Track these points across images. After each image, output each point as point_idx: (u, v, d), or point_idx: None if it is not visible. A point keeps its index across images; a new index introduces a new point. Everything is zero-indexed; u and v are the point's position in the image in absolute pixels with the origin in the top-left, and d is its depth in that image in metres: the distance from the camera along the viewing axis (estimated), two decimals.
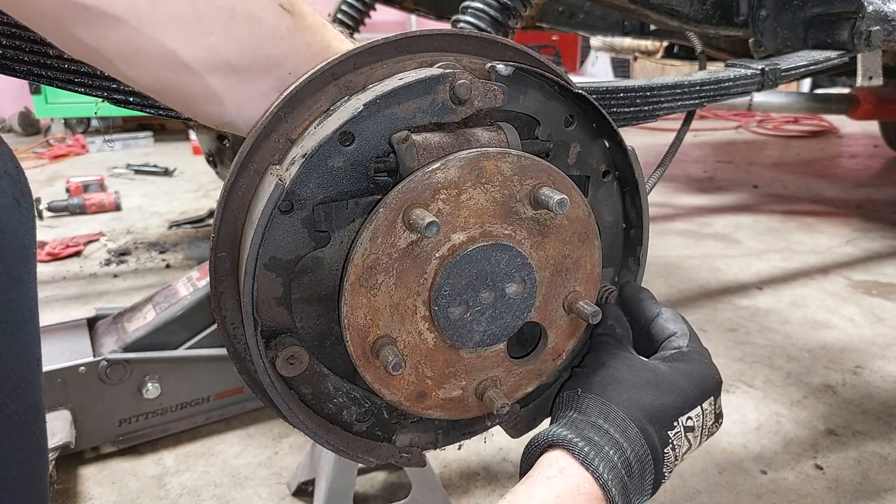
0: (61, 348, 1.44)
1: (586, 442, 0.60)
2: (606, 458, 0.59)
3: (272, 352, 0.59)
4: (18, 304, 0.58)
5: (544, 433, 0.63)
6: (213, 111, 0.59)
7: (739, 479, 1.40)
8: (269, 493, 1.36)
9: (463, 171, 0.57)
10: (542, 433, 0.63)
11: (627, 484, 0.59)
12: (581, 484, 0.57)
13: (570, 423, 0.62)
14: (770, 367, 1.85)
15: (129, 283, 2.45)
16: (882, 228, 3.10)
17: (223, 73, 0.56)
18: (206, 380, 1.52)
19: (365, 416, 0.67)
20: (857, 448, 1.50)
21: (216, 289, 0.60)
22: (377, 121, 0.57)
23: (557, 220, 0.63)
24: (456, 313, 0.60)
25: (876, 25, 1.27)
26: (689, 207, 3.50)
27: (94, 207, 3.31)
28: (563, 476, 0.58)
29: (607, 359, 0.68)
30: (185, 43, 0.53)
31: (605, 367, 0.67)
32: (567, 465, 0.59)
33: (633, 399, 0.63)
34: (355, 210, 0.58)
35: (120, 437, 1.46)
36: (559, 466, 0.59)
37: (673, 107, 1.03)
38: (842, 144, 5.30)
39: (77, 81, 0.69)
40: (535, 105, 0.65)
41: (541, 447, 0.62)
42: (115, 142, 5.04)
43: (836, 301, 2.29)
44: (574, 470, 0.58)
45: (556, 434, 0.61)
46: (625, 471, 0.59)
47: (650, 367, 0.67)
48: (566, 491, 0.57)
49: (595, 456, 0.59)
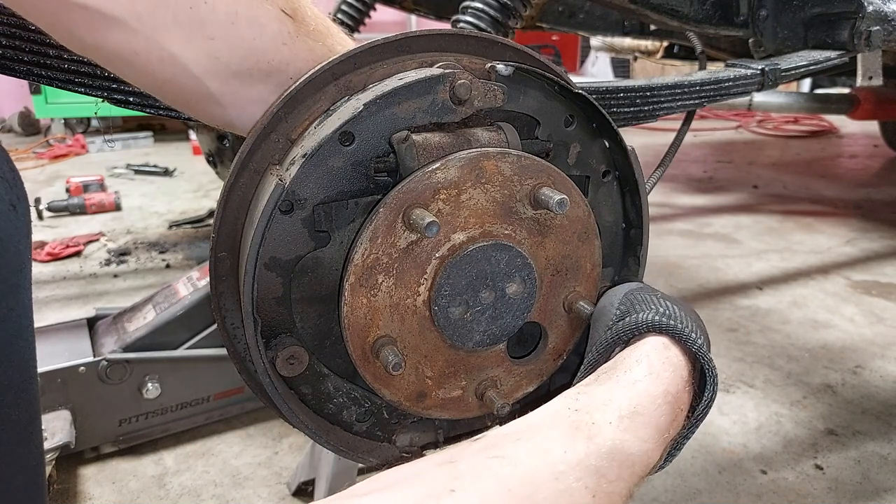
0: (61, 348, 1.44)
1: (693, 333, 0.57)
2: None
3: (272, 352, 0.59)
4: (17, 312, 0.58)
5: (641, 319, 0.58)
6: (213, 112, 0.59)
7: (739, 478, 1.40)
8: (269, 493, 1.36)
9: (463, 171, 0.57)
10: (635, 318, 0.59)
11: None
12: (668, 391, 0.54)
13: (664, 314, 0.58)
14: (770, 367, 1.85)
15: (129, 283, 2.45)
16: (882, 228, 3.10)
17: (223, 77, 0.56)
18: (206, 380, 1.52)
19: (365, 416, 0.67)
20: (857, 448, 1.50)
21: (216, 289, 0.60)
22: (377, 121, 0.57)
23: (557, 220, 0.64)
24: (456, 313, 0.60)
25: (876, 25, 1.27)
26: (689, 207, 3.50)
27: (94, 207, 3.31)
28: (648, 381, 0.54)
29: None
30: (185, 47, 0.53)
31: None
32: (659, 365, 0.55)
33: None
34: (355, 210, 0.58)
35: (120, 437, 1.46)
36: (648, 367, 0.55)
37: (673, 107, 1.03)
38: (842, 144, 5.29)
39: (77, 81, 0.69)
40: (536, 105, 0.65)
41: (638, 329, 0.58)
42: (115, 142, 5.04)
43: (836, 301, 2.29)
44: (666, 372, 0.55)
45: (659, 321, 0.57)
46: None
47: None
48: (649, 398, 0.53)
49: (703, 346, 0.56)
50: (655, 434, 0.52)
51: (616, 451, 0.49)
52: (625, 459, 0.49)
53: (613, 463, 0.48)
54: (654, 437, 0.52)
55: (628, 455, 0.49)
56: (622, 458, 0.49)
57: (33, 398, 0.62)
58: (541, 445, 0.48)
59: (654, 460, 0.52)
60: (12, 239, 0.57)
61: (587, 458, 0.48)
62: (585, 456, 0.48)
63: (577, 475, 0.46)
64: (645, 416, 0.52)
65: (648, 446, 0.51)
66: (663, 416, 0.53)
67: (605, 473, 0.47)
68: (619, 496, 0.48)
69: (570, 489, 0.45)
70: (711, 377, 0.57)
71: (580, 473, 0.47)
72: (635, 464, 0.50)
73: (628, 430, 0.50)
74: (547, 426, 0.50)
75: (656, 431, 0.52)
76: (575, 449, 0.48)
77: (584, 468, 0.47)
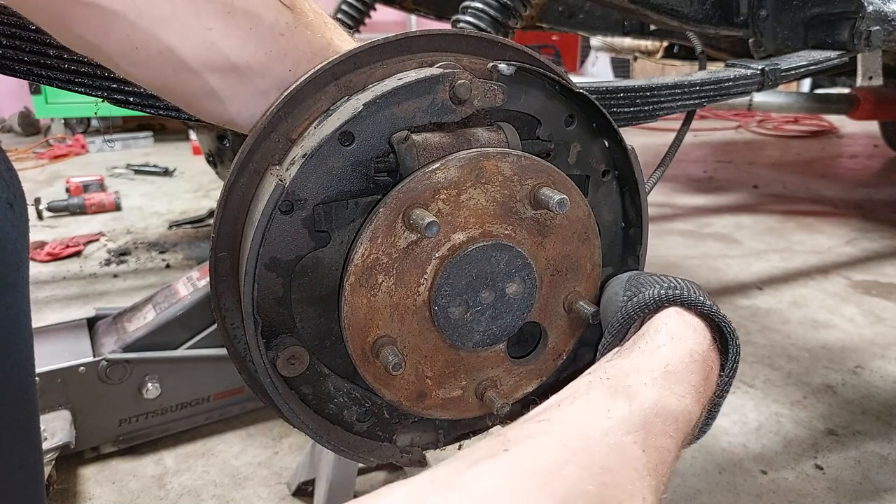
0: (61, 348, 1.44)
1: (704, 298, 0.57)
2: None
3: (273, 352, 0.59)
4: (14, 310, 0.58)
5: (649, 295, 0.59)
6: (213, 109, 0.59)
7: (739, 478, 1.40)
8: (269, 493, 1.36)
9: (463, 171, 0.57)
10: (643, 296, 0.59)
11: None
12: (693, 350, 0.55)
13: (671, 287, 0.59)
14: (770, 367, 1.85)
15: (129, 283, 2.45)
16: (882, 228, 3.10)
17: (222, 71, 0.56)
18: (206, 380, 1.52)
19: (365, 416, 0.67)
20: (857, 448, 1.50)
21: (216, 289, 0.60)
22: (377, 121, 0.57)
23: (557, 220, 0.64)
24: (456, 313, 0.60)
25: (876, 25, 1.27)
26: (689, 207, 3.50)
27: (94, 207, 3.31)
28: (672, 343, 0.55)
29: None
30: (183, 40, 0.53)
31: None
32: (679, 329, 0.56)
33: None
34: (355, 210, 0.58)
35: (120, 437, 1.46)
36: (669, 333, 0.55)
37: (673, 107, 1.03)
38: (842, 144, 5.29)
39: (77, 81, 0.69)
40: (537, 105, 0.65)
41: (647, 307, 0.59)
42: (115, 142, 5.04)
43: (836, 301, 2.29)
44: (688, 334, 0.56)
45: (669, 294, 0.57)
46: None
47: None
48: (677, 359, 0.54)
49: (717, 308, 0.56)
50: (691, 390, 0.52)
51: (657, 407, 0.49)
52: (667, 415, 0.49)
53: (657, 419, 0.49)
54: (691, 393, 0.52)
55: (670, 411, 0.50)
56: (664, 413, 0.49)
57: (31, 397, 0.62)
58: (584, 408, 0.49)
59: (695, 417, 0.52)
60: (9, 237, 0.57)
61: (631, 416, 0.48)
62: (629, 413, 0.48)
63: (625, 430, 0.47)
64: (677, 374, 0.52)
65: (687, 401, 0.51)
66: (695, 374, 0.53)
67: (650, 429, 0.48)
68: (667, 451, 0.48)
69: (620, 444, 0.45)
70: (731, 334, 0.58)
71: (628, 428, 0.47)
72: (678, 419, 0.50)
73: (664, 388, 0.51)
74: (583, 394, 0.51)
75: (692, 388, 0.52)
76: (618, 408, 0.48)
77: (630, 424, 0.47)
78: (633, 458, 0.45)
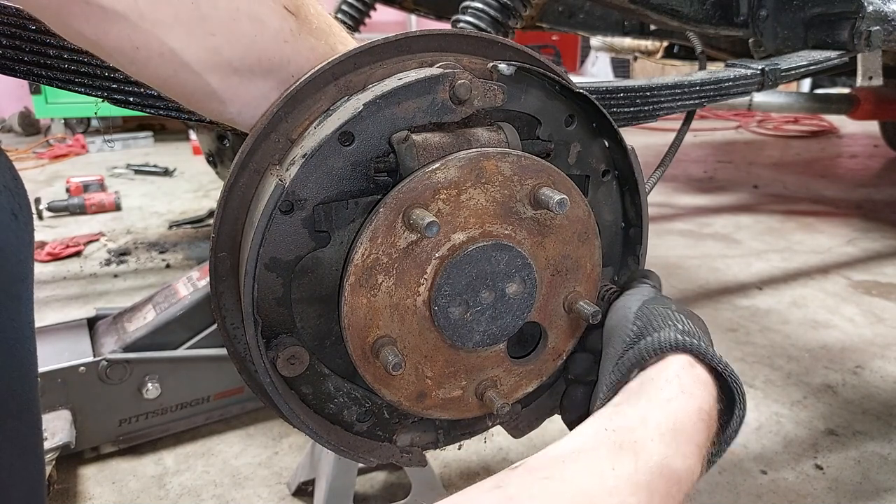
0: (61, 348, 1.44)
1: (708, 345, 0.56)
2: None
3: (273, 352, 0.59)
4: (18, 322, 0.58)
5: (666, 337, 0.57)
6: (214, 109, 0.59)
7: (739, 478, 1.40)
8: (269, 493, 1.36)
9: (463, 171, 0.57)
10: (659, 337, 0.57)
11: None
12: (702, 408, 0.53)
13: (685, 333, 0.57)
14: (770, 367, 1.85)
15: (129, 283, 2.45)
16: (882, 228, 3.10)
17: (224, 74, 0.56)
18: (206, 380, 1.52)
19: (365, 416, 0.67)
20: (857, 448, 1.50)
21: (216, 289, 0.60)
22: (377, 121, 0.57)
23: (557, 220, 0.63)
24: (456, 313, 0.60)
25: (876, 25, 1.27)
26: (689, 207, 3.50)
27: (94, 207, 3.31)
28: (682, 399, 0.53)
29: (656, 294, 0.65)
30: (186, 43, 0.53)
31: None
32: (690, 383, 0.54)
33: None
34: (355, 210, 0.58)
35: (120, 437, 1.46)
36: (680, 386, 0.54)
37: (673, 107, 1.03)
38: (842, 144, 5.29)
39: (77, 81, 0.69)
40: (537, 104, 0.65)
41: (663, 349, 0.57)
42: (115, 142, 5.04)
43: (836, 301, 2.29)
44: (698, 391, 0.54)
45: (686, 342, 0.55)
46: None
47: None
48: (686, 416, 0.52)
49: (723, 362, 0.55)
50: (696, 450, 0.51)
51: (663, 467, 0.48)
52: (671, 475, 0.48)
53: (661, 479, 0.48)
54: (695, 454, 0.51)
55: (674, 471, 0.49)
56: (669, 473, 0.48)
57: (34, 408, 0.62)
58: (587, 465, 0.48)
59: (696, 477, 0.51)
60: (14, 248, 0.56)
61: (636, 475, 0.47)
62: (634, 472, 0.47)
63: (629, 490, 0.46)
64: (685, 433, 0.51)
65: (691, 462, 0.51)
66: (700, 434, 0.52)
67: (655, 489, 0.47)
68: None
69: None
70: (739, 395, 0.56)
71: (632, 489, 0.46)
72: (682, 480, 0.49)
73: (671, 447, 0.50)
74: (589, 447, 0.50)
75: (696, 448, 0.51)
76: (623, 465, 0.47)
77: (635, 484, 0.46)
78: None
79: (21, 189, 0.60)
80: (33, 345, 0.62)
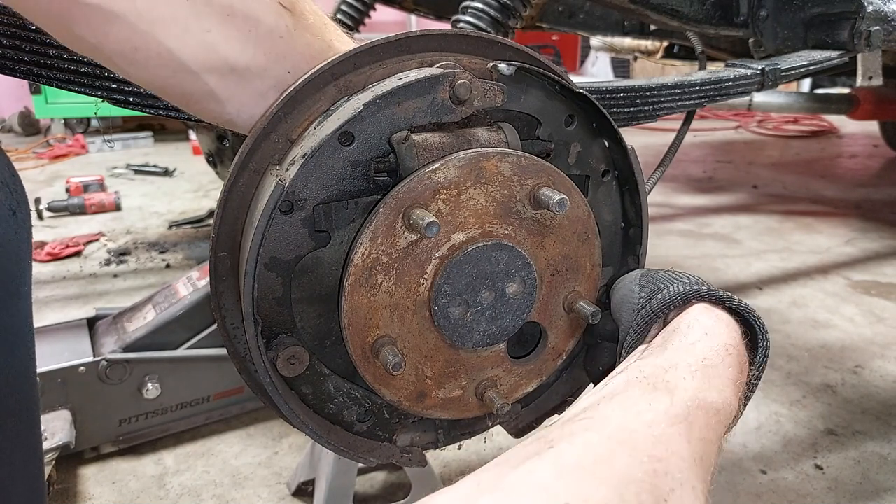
0: (61, 348, 1.44)
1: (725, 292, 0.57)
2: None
3: (273, 352, 0.59)
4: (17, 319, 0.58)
5: (675, 291, 0.58)
6: (212, 109, 0.59)
7: (739, 478, 1.40)
8: (269, 493, 1.36)
9: (463, 171, 0.57)
10: (668, 292, 0.59)
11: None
12: (728, 343, 0.54)
13: (693, 283, 0.58)
14: (770, 367, 1.85)
15: (129, 283, 2.45)
16: (881, 228, 3.10)
17: (221, 73, 0.56)
18: (206, 380, 1.52)
19: (365, 416, 0.67)
20: (856, 448, 1.50)
21: (216, 289, 0.60)
22: (377, 121, 0.57)
23: (557, 220, 0.64)
24: (456, 313, 0.60)
25: (876, 25, 1.27)
26: (689, 207, 3.50)
27: (94, 207, 3.31)
28: (708, 339, 0.54)
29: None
30: (182, 42, 0.53)
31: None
32: (712, 324, 0.55)
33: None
34: (355, 210, 0.58)
35: (120, 437, 1.46)
36: (702, 328, 0.55)
37: (673, 107, 1.03)
38: (842, 144, 5.30)
39: (77, 81, 0.69)
40: (537, 104, 0.65)
41: (673, 303, 0.58)
42: (115, 142, 5.04)
43: (836, 301, 2.29)
44: (721, 329, 0.55)
45: (696, 290, 0.57)
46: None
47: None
48: (713, 353, 0.53)
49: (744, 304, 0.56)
50: (729, 383, 0.52)
51: (698, 399, 0.49)
52: (709, 408, 0.49)
53: (700, 411, 0.48)
54: (729, 387, 0.52)
55: (711, 404, 0.49)
56: (706, 406, 0.49)
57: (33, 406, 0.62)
58: (624, 403, 0.48)
59: (734, 409, 0.52)
60: (12, 245, 0.56)
61: (673, 408, 0.47)
62: (671, 405, 0.48)
63: (668, 422, 0.46)
64: (715, 367, 0.52)
65: (727, 394, 0.51)
66: (731, 367, 0.53)
67: (694, 421, 0.47)
68: (711, 444, 0.48)
69: (665, 435, 0.45)
70: (761, 328, 0.57)
71: (671, 420, 0.46)
72: (720, 411, 0.50)
73: (704, 381, 0.51)
74: (622, 391, 0.50)
75: (729, 381, 0.52)
76: (659, 401, 0.48)
77: (673, 416, 0.47)
78: (679, 448, 0.45)
79: (19, 186, 0.60)
80: (32, 342, 0.62)
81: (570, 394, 0.77)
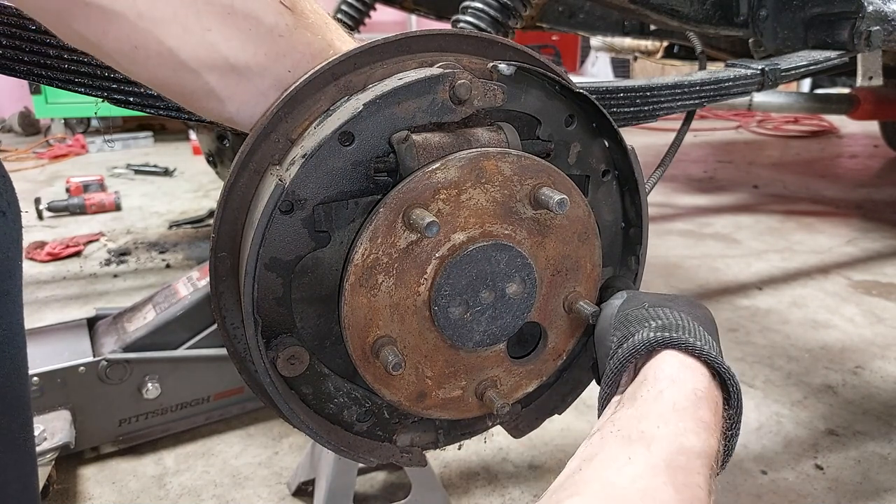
0: (61, 348, 1.44)
1: (696, 338, 0.56)
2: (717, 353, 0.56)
3: (273, 352, 0.59)
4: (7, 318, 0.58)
5: (639, 339, 0.58)
6: (213, 108, 0.59)
7: (740, 479, 1.40)
8: (269, 493, 1.36)
9: (463, 171, 0.57)
10: (633, 341, 0.58)
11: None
12: (696, 388, 0.54)
13: (661, 328, 0.58)
14: (770, 368, 1.85)
15: (129, 283, 2.45)
16: (882, 228, 3.10)
17: (221, 71, 0.56)
18: (206, 380, 1.52)
19: (366, 416, 0.67)
20: (857, 448, 1.50)
21: (216, 289, 0.60)
22: (377, 121, 0.57)
23: (557, 220, 0.63)
24: (456, 313, 0.60)
25: (876, 25, 1.27)
26: (689, 207, 3.50)
27: (94, 207, 3.31)
28: (675, 386, 0.54)
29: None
30: (183, 41, 0.53)
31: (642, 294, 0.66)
32: (676, 371, 0.55)
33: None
34: (355, 210, 0.58)
35: (120, 437, 1.46)
36: (668, 377, 0.55)
37: (673, 107, 1.03)
38: (842, 144, 5.29)
39: (77, 81, 0.69)
40: (537, 104, 0.65)
41: (638, 353, 0.58)
42: (115, 142, 5.04)
43: (836, 301, 2.29)
44: (687, 375, 0.55)
45: (660, 337, 0.57)
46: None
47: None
48: (682, 398, 0.53)
49: (711, 350, 0.56)
50: (703, 426, 0.52)
51: (676, 445, 0.49)
52: (689, 452, 0.49)
53: (680, 457, 0.48)
54: (705, 429, 0.52)
55: (689, 448, 0.49)
56: (685, 451, 0.49)
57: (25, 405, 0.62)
58: (605, 462, 0.48)
59: (714, 449, 0.52)
60: (2, 245, 0.56)
61: (652, 458, 0.48)
62: (650, 455, 0.48)
63: (651, 473, 0.46)
64: (685, 411, 0.52)
65: (704, 437, 0.51)
66: (702, 409, 0.53)
67: (676, 467, 0.47)
68: (699, 487, 0.47)
69: (650, 487, 0.45)
70: (727, 374, 0.57)
71: (653, 471, 0.47)
72: (700, 454, 0.50)
73: (677, 426, 0.51)
74: (600, 450, 0.50)
75: (703, 423, 0.52)
76: (638, 453, 0.48)
77: (654, 466, 0.47)
78: (667, 497, 0.44)
79: (9, 186, 0.60)
80: (23, 341, 0.62)
81: (570, 393, 0.77)
